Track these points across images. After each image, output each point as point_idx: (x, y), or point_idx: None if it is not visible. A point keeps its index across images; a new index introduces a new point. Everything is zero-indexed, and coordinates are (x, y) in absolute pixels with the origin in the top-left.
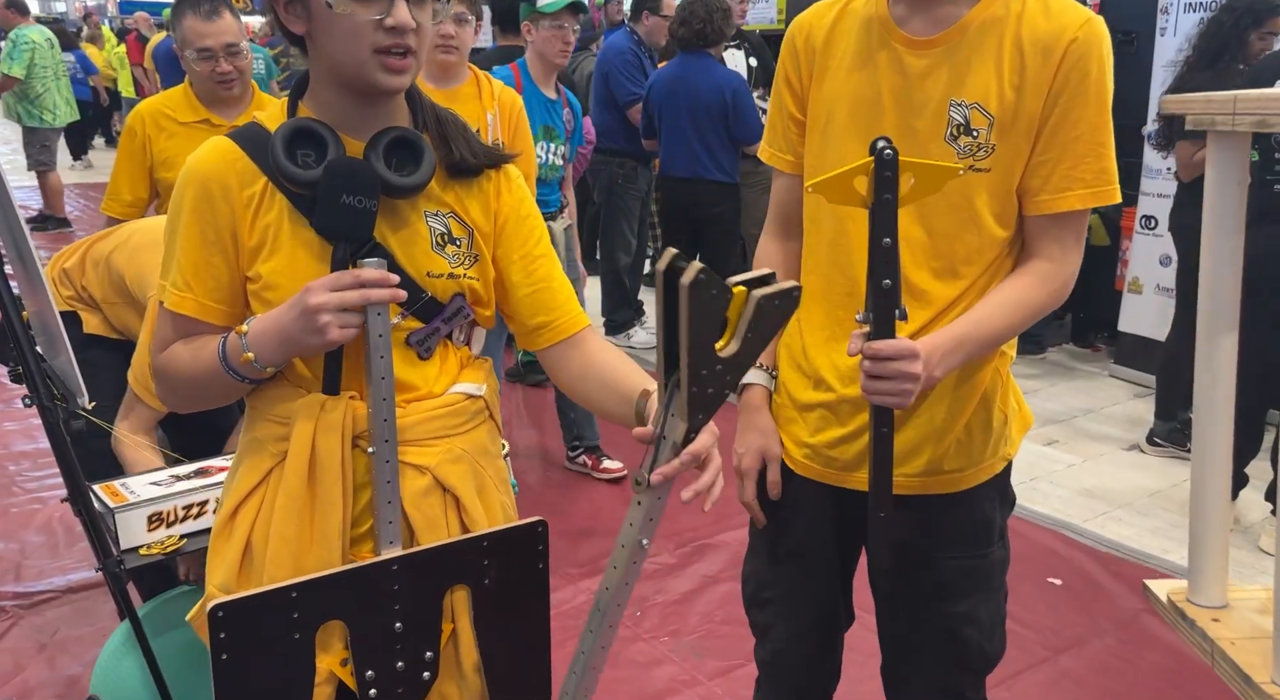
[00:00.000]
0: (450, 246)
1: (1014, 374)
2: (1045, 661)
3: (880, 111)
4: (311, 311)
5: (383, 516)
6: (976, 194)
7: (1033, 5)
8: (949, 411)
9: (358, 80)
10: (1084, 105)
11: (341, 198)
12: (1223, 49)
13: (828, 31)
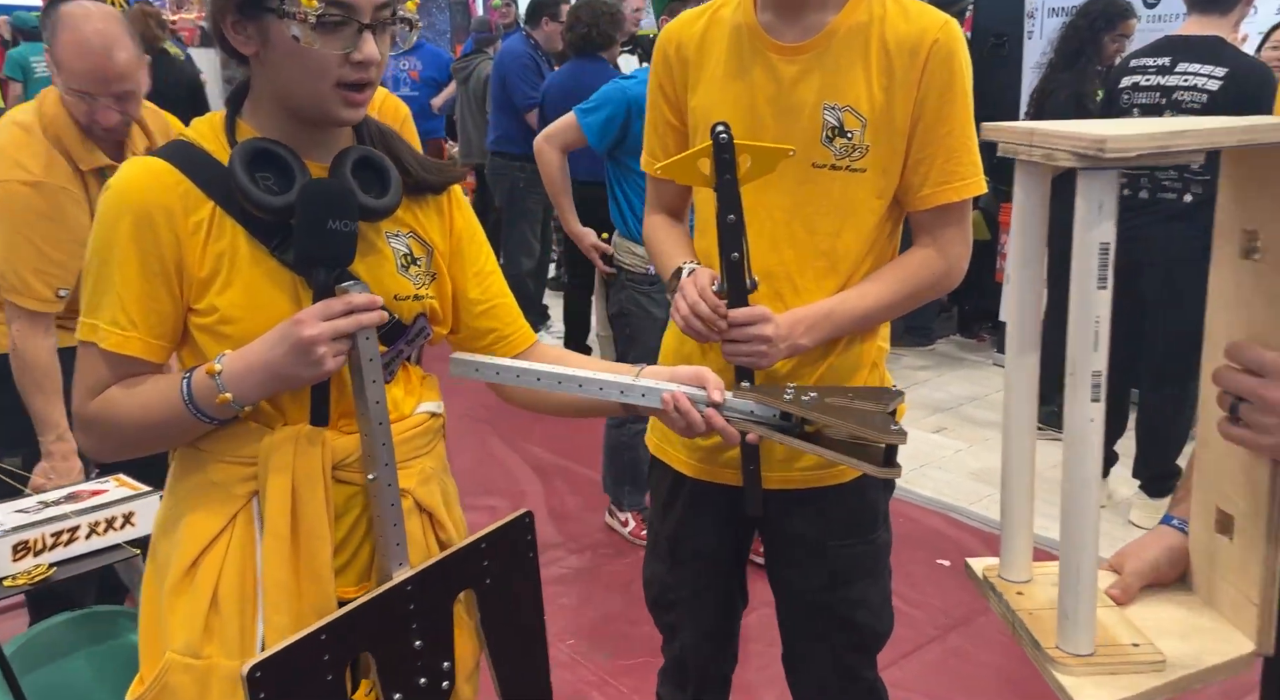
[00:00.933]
0: (413, 267)
1: (904, 366)
2: (935, 640)
3: (758, 117)
4: (307, 344)
5: (389, 539)
6: (855, 194)
7: (893, 9)
8: None
9: (313, 111)
10: (953, 102)
11: (328, 223)
12: (1080, 51)
13: (699, 40)
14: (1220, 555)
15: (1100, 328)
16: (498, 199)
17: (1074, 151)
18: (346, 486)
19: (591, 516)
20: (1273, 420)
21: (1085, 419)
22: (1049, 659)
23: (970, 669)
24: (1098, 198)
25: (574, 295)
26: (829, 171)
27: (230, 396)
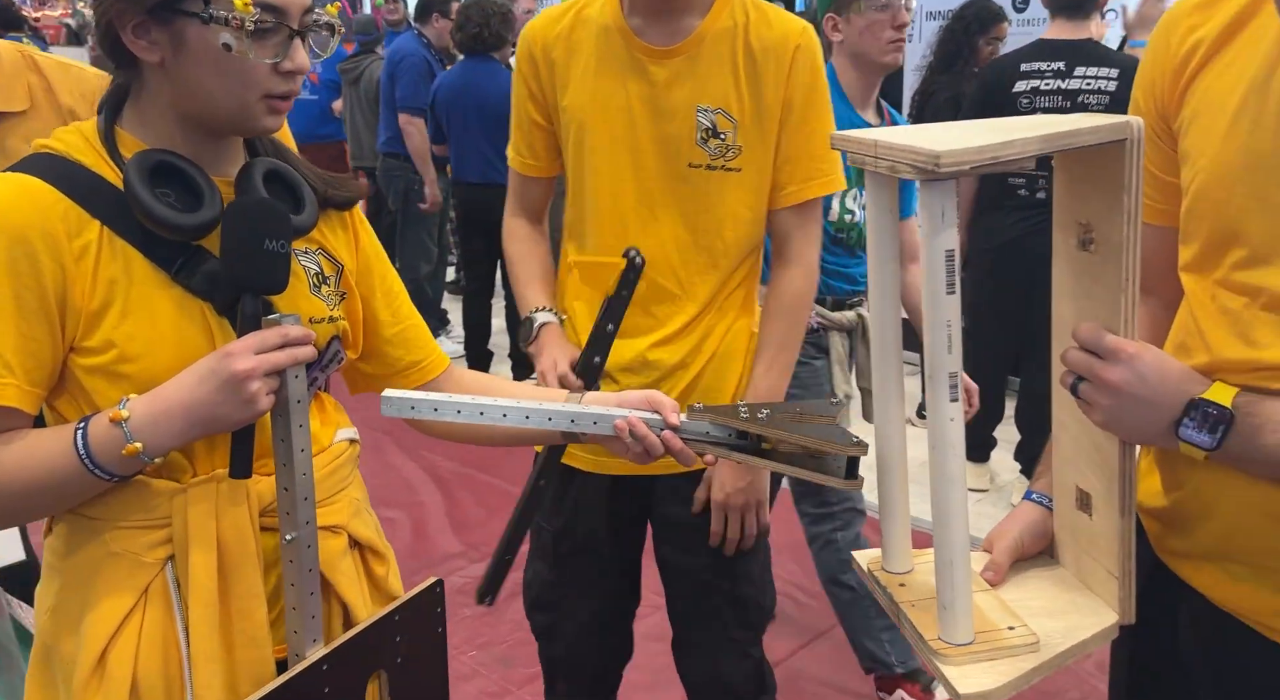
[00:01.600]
0: (324, 286)
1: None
2: (833, 627)
3: (632, 118)
4: (240, 380)
5: (305, 610)
6: (731, 193)
7: (754, 15)
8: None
9: (232, 122)
10: (815, 104)
11: (264, 243)
12: (957, 54)
13: (566, 40)
14: (1082, 531)
15: (953, 331)
16: (391, 202)
17: (913, 165)
18: (270, 535)
19: (495, 524)
20: (1105, 399)
21: (946, 418)
22: (933, 651)
23: None
24: (939, 206)
25: (473, 300)
26: (705, 171)
27: (140, 446)
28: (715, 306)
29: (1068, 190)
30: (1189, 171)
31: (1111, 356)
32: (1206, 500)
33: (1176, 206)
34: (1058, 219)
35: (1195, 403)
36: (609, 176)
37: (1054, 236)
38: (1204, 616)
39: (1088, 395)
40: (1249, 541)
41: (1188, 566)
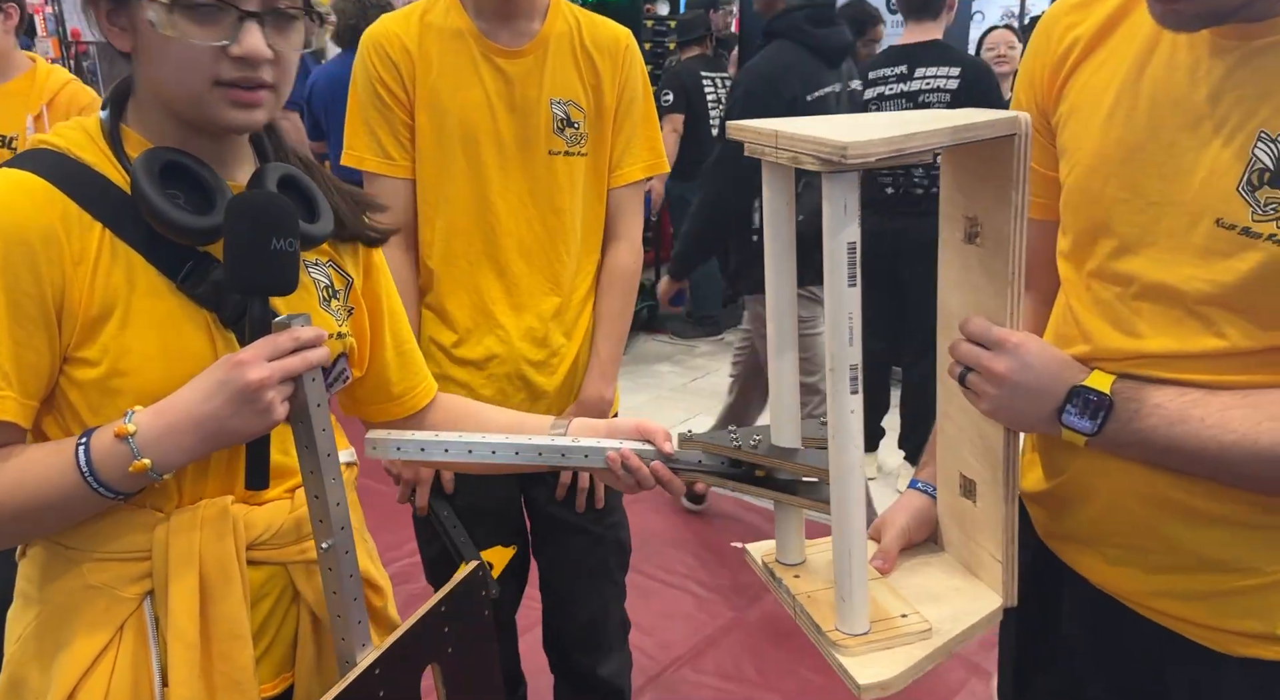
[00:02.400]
0: (334, 301)
1: (698, 355)
2: (734, 620)
3: (494, 113)
4: (255, 389)
5: (350, 617)
6: (583, 175)
7: (583, 19)
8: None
9: (196, 116)
10: (644, 96)
11: (270, 242)
12: None
13: (418, 42)
14: (966, 518)
15: (854, 323)
16: None
17: (817, 156)
18: (262, 568)
19: (386, 535)
20: (992, 389)
21: (846, 410)
22: (830, 642)
23: (768, 648)
24: (842, 198)
25: None
26: (563, 158)
27: (149, 462)
28: (582, 284)
29: (955, 185)
30: (1066, 165)
31: (998, 347)
32: (1085, 486)
33: (1055, 201)
34: (944, 212)
35: (1076, 390)
36: (475, 168)
37: (940, 230)
38: (1085, 598)
39: (975, 385)
40: (1124, 524)
41: (1069, 550)
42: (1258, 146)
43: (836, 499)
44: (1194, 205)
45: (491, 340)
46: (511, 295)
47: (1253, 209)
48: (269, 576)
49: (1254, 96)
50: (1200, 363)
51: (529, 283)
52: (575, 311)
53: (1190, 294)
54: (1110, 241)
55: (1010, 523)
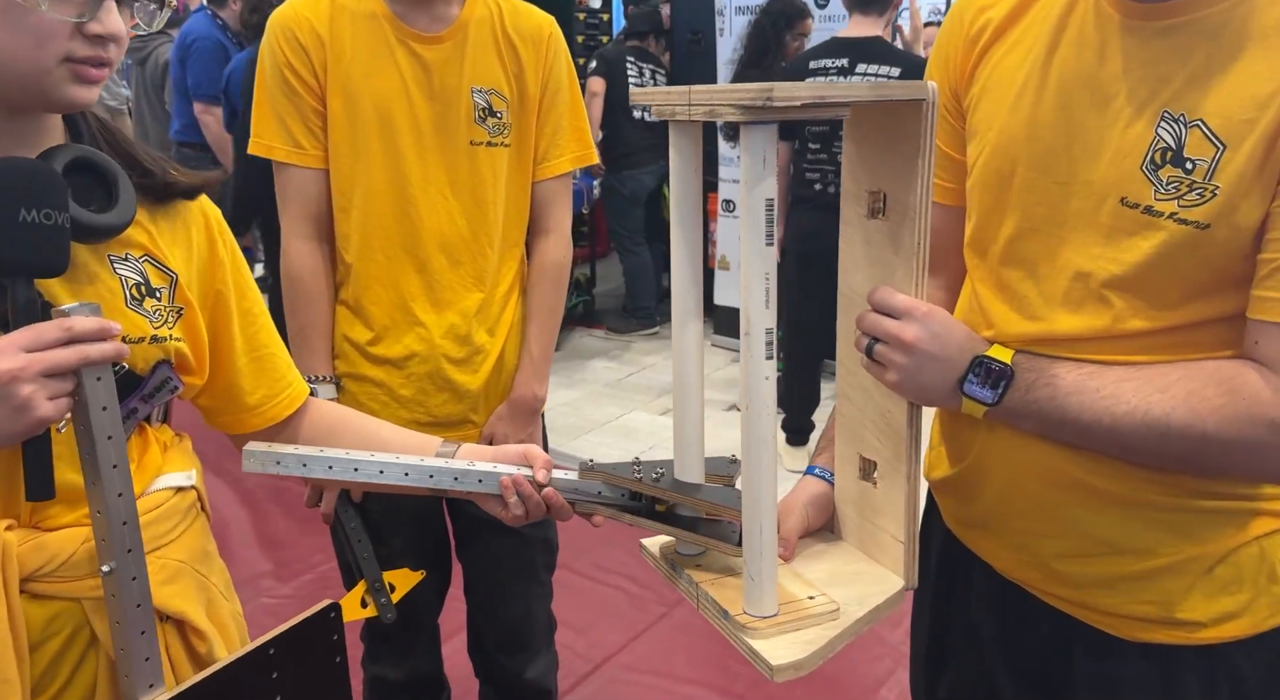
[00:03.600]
0: (149, 300)
1: (634, 351)
2: (663, 617)
3: (410, 100)
4: (4, 382)
5: (136, 653)
6: (506, 166)
7: (505, 6)
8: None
9: (28, 91)
10: (570, 86)
11: (19, 213)
12: (765, 49)
13: (328, 26)
14: (866, 501)
15: (769, 284)
16: None
17: (739, 105)
18: (48, 603)
19: (306, 540)
20: (900, 357)
21: (760, 376)
22: (739, 626)
23: (697, 641)
24: (760, 152)
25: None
26: (485, 148)
27: None
28: (505, 279)
29: (859, 160)
30: (976, 146)
31: (907, 315)
32: (985, 469)
33: (962, 185)
34: (847, 189)
35: (979, 359)
36: (392, 158)
37: (843, 208)
38: (992, 586)
39: (883, 355)
40: (1024, 507)
41: (974, 537)
42: (1160, 126)
43: (749, 471)
44: (1100, 184)
45: (411, 338)
46: (432, 291)
47: (1155, 188)
48: (57, 614)
49: (1158, 77)
50: (1101, 344)
51: (450, 278)
52: (499, 307)
53: (1096, 274)
54: (1017, 222)
55: (912, 501)
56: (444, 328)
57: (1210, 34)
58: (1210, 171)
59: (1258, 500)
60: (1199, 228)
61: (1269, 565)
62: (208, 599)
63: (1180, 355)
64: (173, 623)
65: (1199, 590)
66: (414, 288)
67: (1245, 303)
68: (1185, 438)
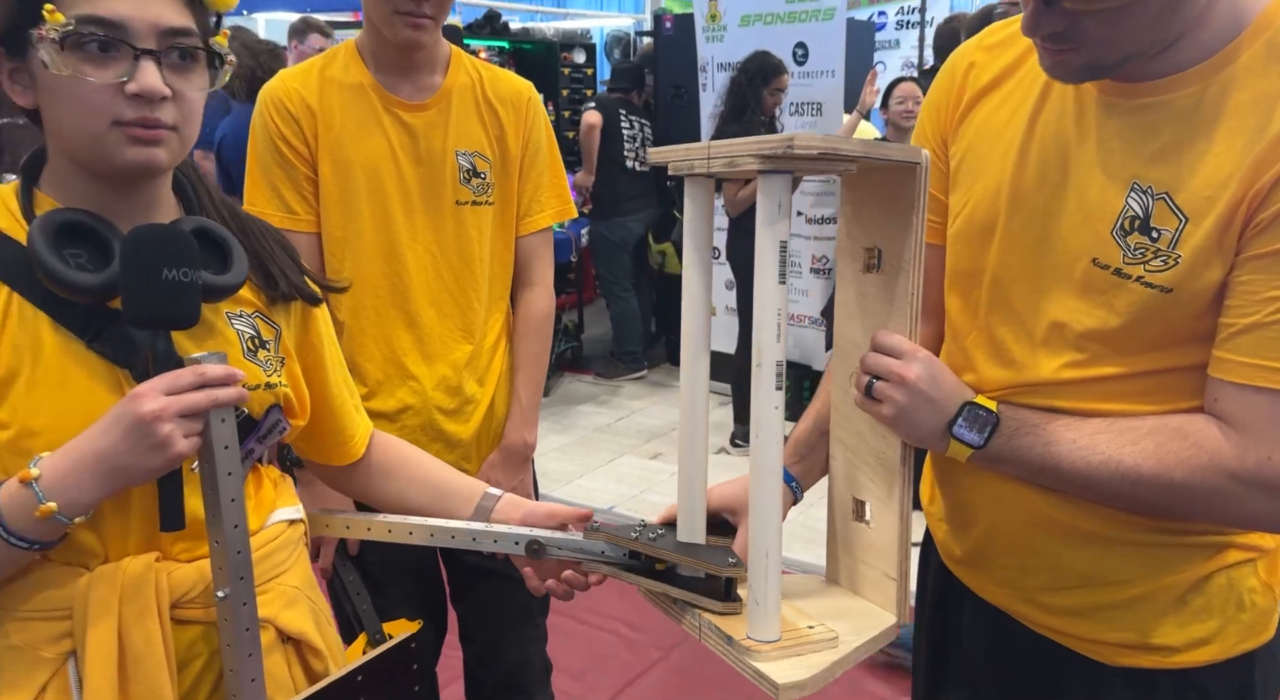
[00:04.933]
0: (261, 351)
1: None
2: (660, 660)
3: (399, 165)
4: (147, 422)
5: (243, 674)
6: (490, 224)
7: (485, 73)
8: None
9: (97, 160)
10: (549, 146)
11: (162, 272)
12: (744, 105)
13: (317, 96)
14: (857, 541)
15: (781, 320)
16: None
17: (760, 154)
18: (189, 627)
19: None
20: (899, 395)
21: (770, 406)
22: (744, 650)
23: (692, 683)
24: (776, 198)
25: None
26: (471, 208)
27: (55, 506)
28: (493, 330)
29: (855, 219)
30: (960, 197)
31: (909, 356)
32: (974, 508)
33: (946, 224)
34: (843, 247)
35: (969, 405)
36: (381, 220)
37: (839, 264)
38: (983, 617)
39: (882, 392)
40: (1009, 544)
41: (966, 572)
42: (1131, 195)
43: (756, 499)
44: (1075, 244)
45: (404, 392)
46: (423, 345)
47: (1124, 252)
48: (196, 638)
49: (1129, 150)
50: (1077, 388)
51: (440, 332)
52: (487, 358)
53: (1071, 325)
54: (998, 271)
55: (904, 538)
56: (435, 379)
57: (1177, 116)
58: (1174, 241)
59: (1225, 534)
60: (1163, 291)
61: (1236, 594)
62: (317, 622)
63: (1150, 401)
64: (293, 643)
65: (1172, 618)
66: (405, 342)
67: (1207, 356)
68: (1154, 486)
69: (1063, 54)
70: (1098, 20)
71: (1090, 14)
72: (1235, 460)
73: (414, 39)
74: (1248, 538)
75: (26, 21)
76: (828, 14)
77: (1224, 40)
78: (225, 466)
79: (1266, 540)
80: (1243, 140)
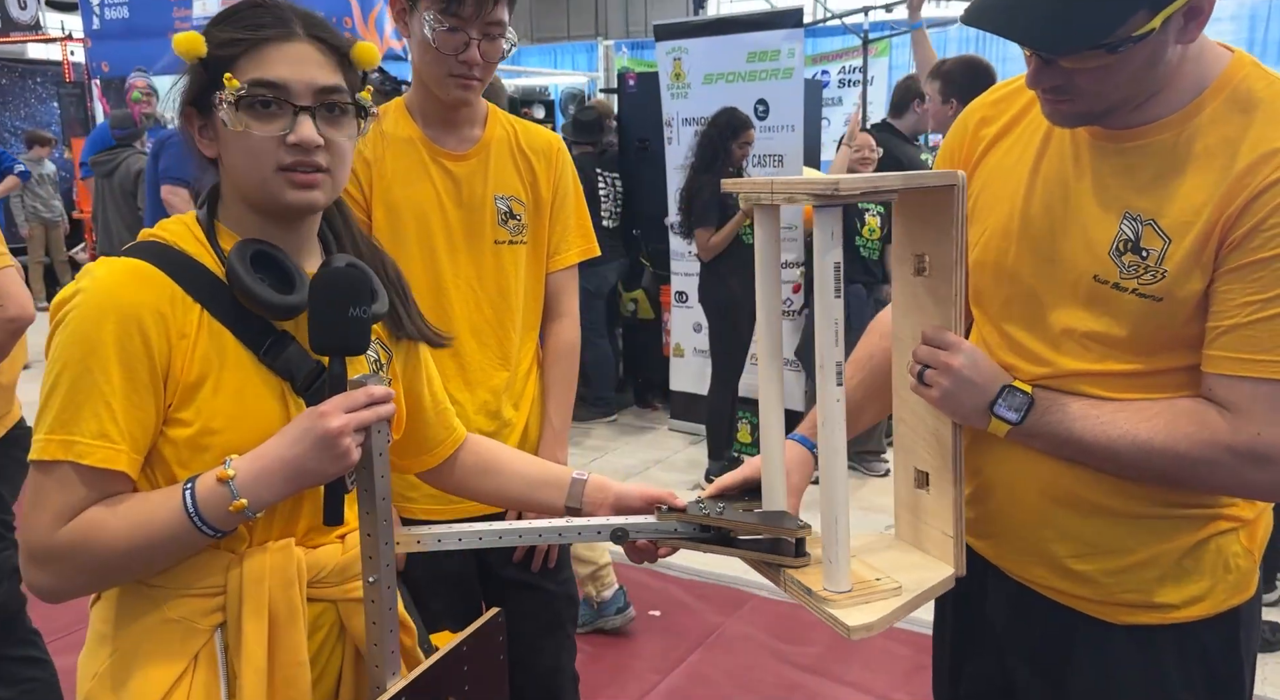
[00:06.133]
0: (381, 372)
1: (594, 437)
2: (657, 685)
3: (444, 209)
4: (334, 436)
5: (385, 647)
6: (524, 263)
7: (518, 126)
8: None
9: (265, 200)
10: (576, 191)
11: (349, 310)
12: (715, 157)
13: (372, 149)
14: (920, 505)
15: (839, 328)
16: None
17: (812, 193)
18: (315, 604)
19: None
20: (945, 380)
21: (833, 399)
22: (821, 599)
23: None
24: (829, 227)
25: None
26: (507, 247)
27: (245, 502)
28: (525, 359)
29: (905, 231)
30: (977, 230)
31: (954, 348)
32: (992, 486)
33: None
34: (896, 254)
35: (1007, 388)
36: (428, 258)
37: (893, 268)
38: (1004, 588)
39: (930, 378)
40: (1024, 518)
41: (988, 546)
42: (1124, 222)
43: (825, 475)
44: (1079, 264)
45: None
46: (465, 373)
47: (1120, 269)
48: (321, 612)
49: (1119, 185)
50: (1096, 379)
51: (480, 360)
52: (521, 383)
53: (1079, 329)
54: (1013, 289)
55: (958, 503)
56: (477, 404)
57: (1158, 156)
58: (1160, 258)
59: (1214, 507)
60: (1154, 300)
61: (1224, 558)
62: (405, 605)
63: (1158, 392)
64: None
65: (1170, 580)
66: (449, 370)
67: (1198, 359)
68: (1164, 457)
69: (1060, 103)
70: (1088, 76)
71: (1081, 71)
72: (1230, 435)
73: (463, 98)
74: (1231, 509)
75: (212, 87)
76: (786, 73)
77: (1191, 96)
78: (380, 471)
79: (1246, 511)
80: (1213, 175)
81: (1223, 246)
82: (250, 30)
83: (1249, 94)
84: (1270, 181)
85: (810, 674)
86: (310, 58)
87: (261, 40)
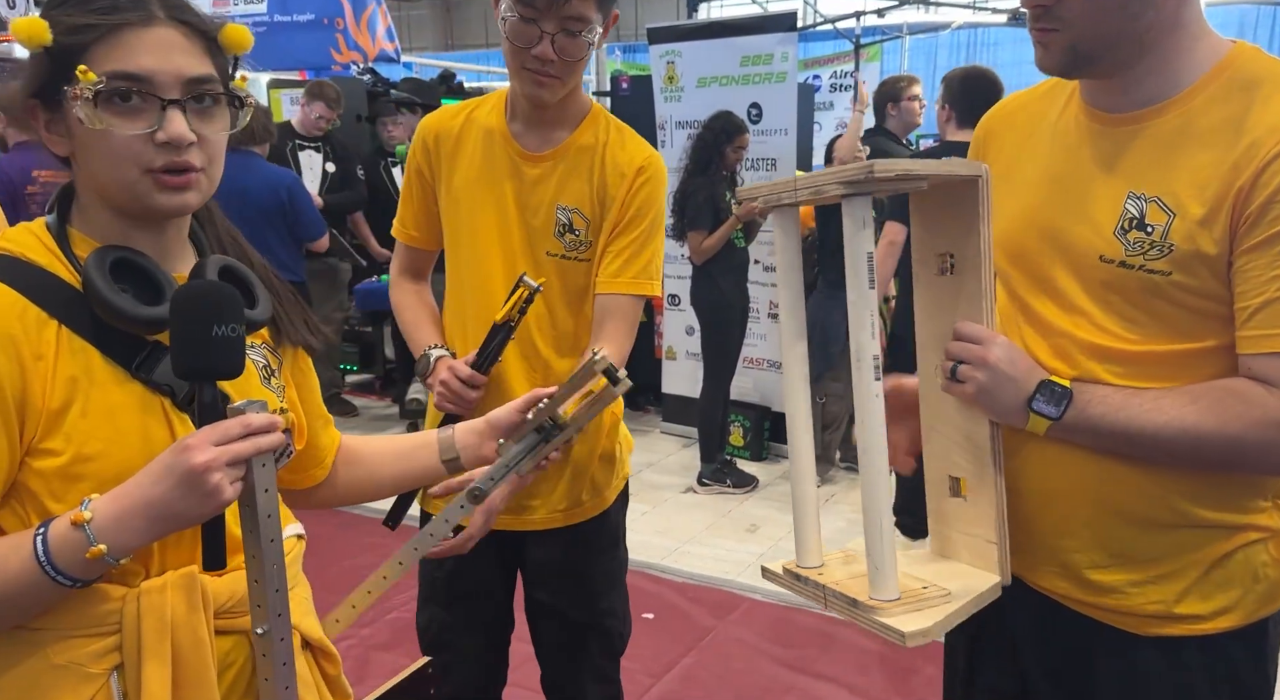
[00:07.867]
0: (273, 379)
1: None
2: (651, 688)
3: (505, 209)
4: (199, 473)
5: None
6: (581, 280)
7: (614, 137)
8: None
9: (130, 203)
10: (644, 218)
11: (213, 329)
12: (709, 160)
13: (456, 136)
14: (954, 514)
15: (873, 319)
16: None
17: (843, 181)
18: (226, 637)
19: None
20: (981, 375)
21: (871, 395)
22: (869, 609)
23: None
24: (860, 216)
25: None
26: (561, 261)
27: (104, 548)
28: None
29: (925, 229)
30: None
31: (989, 342)
32: (1018, 493)
33: None
34: (917, 255)
35: (1045, 382)
36: (483, 256)
37: (914, 270)
38: (1026, 600)
39: (966, 374)
40: (1051, 526)
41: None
42: (1128, 202)
43: (866, 476)
44: (1087, 245)
45: None
46: (499, 382)
47: (1125, 247)
48: (231, 646)
49: (1123, 166)
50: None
51: (516, 370)
52: None
53: (1095, 315)
54: (1031, 270)
55: (1000, 507)
56: None
57: (1159, 136)
58: (1165, 232)
59: (1242, 515)
60: (1163, 275)
61: (1252, 568)
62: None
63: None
64: (310, 649)
65: (1197, 591)
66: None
67: (1220, 337)
68: (1215, 441)
69: (1049, 34)
70: None
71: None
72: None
73: (537, 95)
74: (1259, 519)
75: (61, 79)
76: (780, 77)
77: (1190, 79)
78: (265, 509)
79: (1276, 521)
80: (1218, 151)
81: (1237, 223)
82: (103, 14)
83: (1251, 74)
84: (1278, 152)
85: (804, 676)
86: (175, 44)
87: (117, 26)
